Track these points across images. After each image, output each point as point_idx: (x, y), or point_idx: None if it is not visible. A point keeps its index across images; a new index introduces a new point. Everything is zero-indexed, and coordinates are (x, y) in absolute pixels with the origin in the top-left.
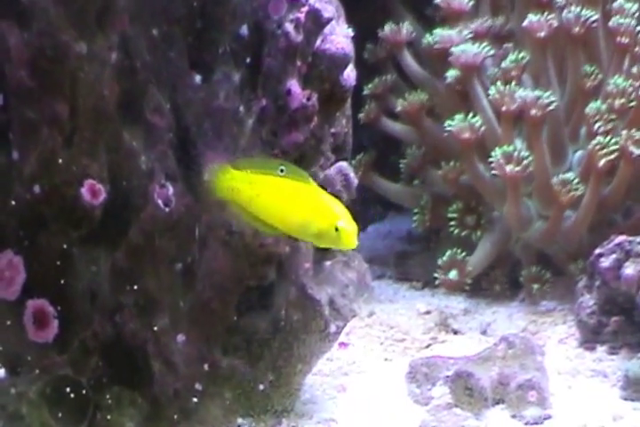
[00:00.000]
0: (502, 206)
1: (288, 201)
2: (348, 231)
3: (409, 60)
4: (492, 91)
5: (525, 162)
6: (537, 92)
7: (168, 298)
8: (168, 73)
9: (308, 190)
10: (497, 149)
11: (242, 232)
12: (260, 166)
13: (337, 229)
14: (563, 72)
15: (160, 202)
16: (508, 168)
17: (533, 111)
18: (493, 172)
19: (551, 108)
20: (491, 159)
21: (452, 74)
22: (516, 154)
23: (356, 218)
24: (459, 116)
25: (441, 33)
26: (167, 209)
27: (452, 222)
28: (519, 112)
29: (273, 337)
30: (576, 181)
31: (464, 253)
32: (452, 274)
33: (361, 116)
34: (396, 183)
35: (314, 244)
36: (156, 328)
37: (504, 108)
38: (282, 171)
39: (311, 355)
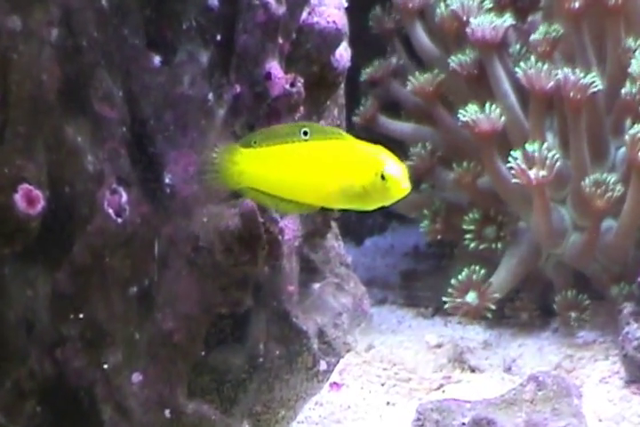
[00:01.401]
0: (529, 216)
1: (316, 167)
2: (395, 177)
3: (420, 33)
4: (522, 67)
5: (550, 162)
6: (576, 72)
7: (121, 329)
8: (120, 54)
9: (335, 147)
10: (524, 146)
11: (211, 248)
12: (275, 136)
13: (383, 178)
14: (601, 50)
15: (111, 211)
16: (532, 173)
17: (572, 93)
18: (514, 180)
19: (594, 90)
20: (509, 164)
21: (462, 57)
22: (538, 154)
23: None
24: (473, 106)
25: (457, 1)
26: (119, 220)
27: (468, 235)
28: (552, 96)
29: (249, 377)
30: (613, 180)
31: (484, 272)
32: (470, 297)
33: (355, 118)
34: None
35: (364, 208)
36: (106, 366)
37: (537, 87)
38: (305, 134)
39: (296, 399)
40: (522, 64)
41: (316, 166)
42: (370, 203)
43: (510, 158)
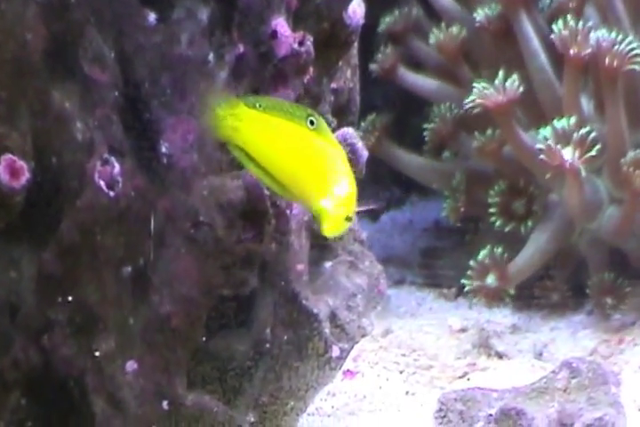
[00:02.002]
0: (561, 187)
1: (300, 162)
2: (329, 215)
3: None
4: (559, 26)
5: (584, 139)
6: (612, 35)
7: (114, 313)
8: (112, 10)
9: (324, 154)
10: (553, 122)
11: (212, 223)
12: (281, 109)
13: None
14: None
15: (102, 184)
16: (566, 154)
17: (609, 60)
18: (541, 156)
19: (633, 54)
20: (538, 144)
21: (488, 11)
22: (571, 131)
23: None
24: (478, 84)
25: None
26: (112, 193)
27: (494, 209)
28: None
29: (255, 365)
30: None
31: (501, 250)
32: (490, 279)
33: (372, 66)
34: (419, 156)
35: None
36: (97, 354)
37: (572, 52)
38: (312, 123)
39: (307, 388)
40: (559, 23)
41: (299, 161)
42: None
43: (539, 137)
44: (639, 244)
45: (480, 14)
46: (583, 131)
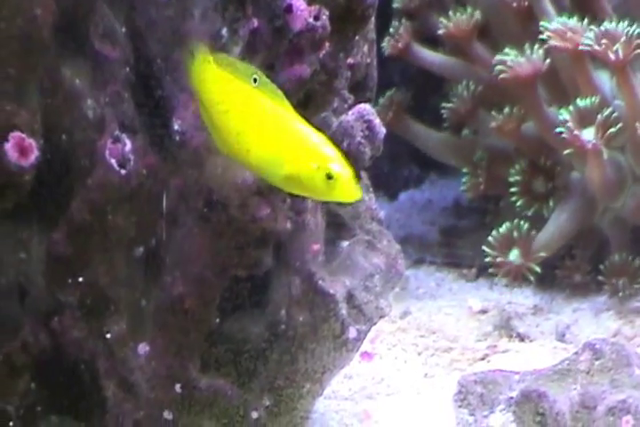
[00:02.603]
0: (583, 165)
1: (260, 125)
2: (345, 179)
3: None
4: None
5: (605, 120)
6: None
7: (125, 295)
8: None
9: (286, 116)
10: (575, 101)
11: (225, 202)
12: (235, 67)
13: (330, 177)
14: None
15: (113, 162)
16: (585, 136)
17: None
18: (563, 135)
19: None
20: (559, 128)
21: None
22: (591, 111)
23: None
24: (510, 51)
25: None
26: (123, 171)
27: (515, 189)
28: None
29: (270, 347)
30: None
31: (528, 226)
32: (513, 255)
33: (385, 45)
34: (438, 133)
35: (282, 189)
36: (108, 336)
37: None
38: (254, 81)
39: (323, 371)
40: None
41: (260, 123)
42: (293, 189)
43: (560, 117)
44: None
45: None
46: (605, 111)
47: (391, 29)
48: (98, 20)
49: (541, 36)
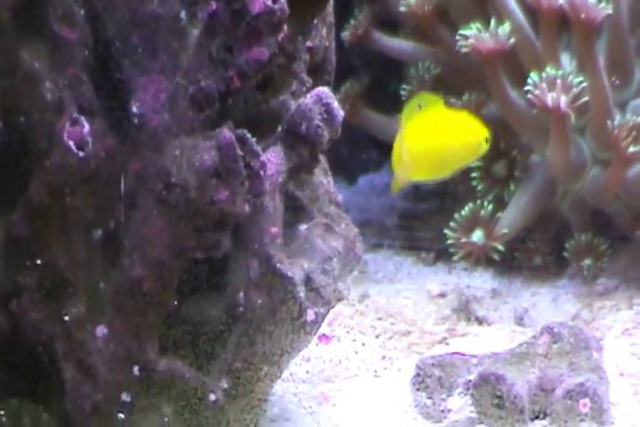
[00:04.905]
0: (544, 147)
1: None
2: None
3: None
4: None
5: (576, 89)
6: None
7: (84, 277)
8: None
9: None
10: (534, 71)
11: (184, 185)
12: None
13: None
14: None
15: (72, 144)
16: (551, 98)
17: (584, 15)
18: (531, 103)
19: (608, 12)
20: (527, 86)
21: None
22: (560, 79)
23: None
24: (475, 25)
25: None
26: (81, 154)
27: (475, 173)
28: (563, 16)
29: (228, 329)
30: None
31: (492, 208)
32: (476, 236)
33: (345, 34)
34: (396, 119)
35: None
36: (67, 319)
37: (545, 5)
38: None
39: (281, 353)
40: None
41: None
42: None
43: (529, 80)
44: (623, 206)
45: None
46: (575, 80)
47: (352, 21)
48: (56, 2)
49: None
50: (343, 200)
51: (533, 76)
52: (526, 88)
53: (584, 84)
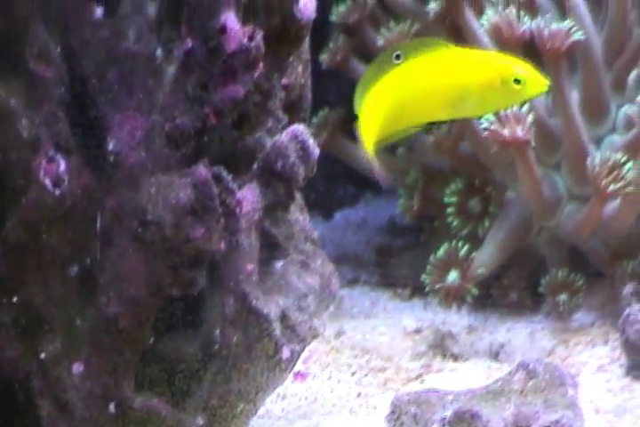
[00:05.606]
0: (517, 183)
1: (431, 79)
2: (533, 76)
3: None
4: (488, 15)
5: (530, 120)
6: (553, 21)
7: (60, 314)
8: (58, 5)
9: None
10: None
11: (160, 222)
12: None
13: (518, 81)
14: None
15: (48, 182)
16: (507, 131)
17: (549, 44)
18: (486, 135)
19: (576, 38)
20: (483, 125)
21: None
22: (511, 112)
23: None
24: None
25: None
26: (57, 191)
27: (451, 209)
28: (528, 44)
29: (204, 367)
30: (624, 159)
31: (467, 248)
32: (452, 277)
33: (323, 57)
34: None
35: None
36: (43, 355)
37: (506, 34)
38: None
39: (257, 391)
40: (488, 12)
41: (430, 79)
42: (494, 103)
43: (482, 120)
44: (599, 243)
45: (434, 8)
46: (523, 110)
47: (330, 44)
48: (32, 40)
49: None
50: (319, 235)
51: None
52: (482, 126)
53: (531, 117)
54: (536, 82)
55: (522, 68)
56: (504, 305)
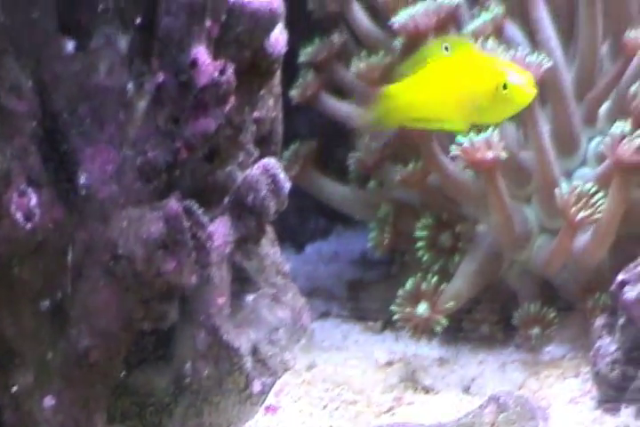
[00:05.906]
0: (488, 217)
1: (442, 84)
2: (518, 85)
3: (358, 13)
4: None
5: (501, 145)
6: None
7: (31, 348)
8: (30, 39)
9: (457, 60)
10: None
11: (131, 256)
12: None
13: (505, 87)
14: (572, 29)
15: (19, 215)
16: (479, 154)
17: None
18: (457, 160)
19: (546, 67)
20: (452, 151)
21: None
22: (483, 139)
23: None
24: None
25: None
26: (29, 225)
27: (421, 244)
28: None
29: (175, 400)
30: (594, 189)
31: (435, 280)
32: (421, 309)
33: (293, 93)
34: (343, 186)
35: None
36: (14, 389)
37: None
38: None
39: (228, 424)
40: None
41: (442, 84)
42: (497, 114)
43: (453, 146)
44: (570, 276)
45: (400, 41)
46: (495, 138)
47: (300, 79)
48: (4, 74)
49: None
50: (291, 268)
51: (460, 140)
52: (452, 154)
53: (502, 143)
54: (521, 90)
55: (516, 75)
56: (475, 338)
